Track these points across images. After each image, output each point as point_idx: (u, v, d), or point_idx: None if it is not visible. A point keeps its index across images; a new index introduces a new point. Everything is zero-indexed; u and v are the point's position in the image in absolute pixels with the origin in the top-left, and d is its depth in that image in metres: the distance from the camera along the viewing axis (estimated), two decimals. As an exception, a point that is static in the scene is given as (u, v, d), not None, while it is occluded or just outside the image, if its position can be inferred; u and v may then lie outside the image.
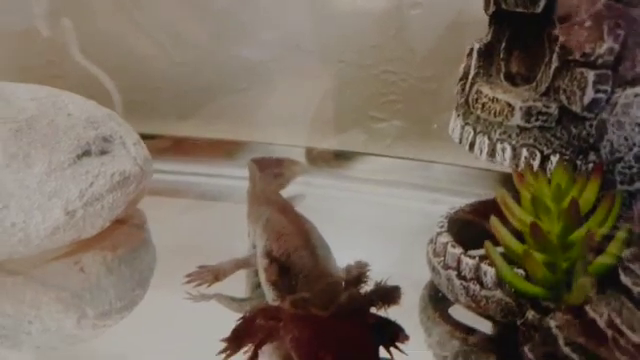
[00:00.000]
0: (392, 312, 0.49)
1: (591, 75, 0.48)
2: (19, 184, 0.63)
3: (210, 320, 0.59)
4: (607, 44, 0.47)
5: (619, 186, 0.48)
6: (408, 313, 0.61)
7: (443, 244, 0.60)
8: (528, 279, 0.50)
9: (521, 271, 0.51)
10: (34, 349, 0.59)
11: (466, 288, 0.57)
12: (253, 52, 1.00)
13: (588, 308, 0.44)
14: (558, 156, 0.50)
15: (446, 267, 0.59)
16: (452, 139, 0.61)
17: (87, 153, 0.68)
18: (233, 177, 0.88)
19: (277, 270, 0.49)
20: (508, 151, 0.53)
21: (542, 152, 0.51)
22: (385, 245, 0.76)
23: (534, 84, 0.53)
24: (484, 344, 0.56)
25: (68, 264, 0.68)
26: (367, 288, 0.50)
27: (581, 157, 0.50)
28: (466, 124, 0.57)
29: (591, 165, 0.49)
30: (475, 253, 0.57)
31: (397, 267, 0.69)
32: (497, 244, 0.51)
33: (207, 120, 1.02)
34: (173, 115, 1.02)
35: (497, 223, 0.48)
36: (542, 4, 0.50)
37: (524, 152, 0.52)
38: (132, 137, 0.76)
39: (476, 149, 0.56)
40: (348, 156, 0.98)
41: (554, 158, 0.50)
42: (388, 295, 0.50)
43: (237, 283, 0.64)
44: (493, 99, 0.54)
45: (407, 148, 0.97)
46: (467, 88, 0.58)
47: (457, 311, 0.61)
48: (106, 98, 0.96)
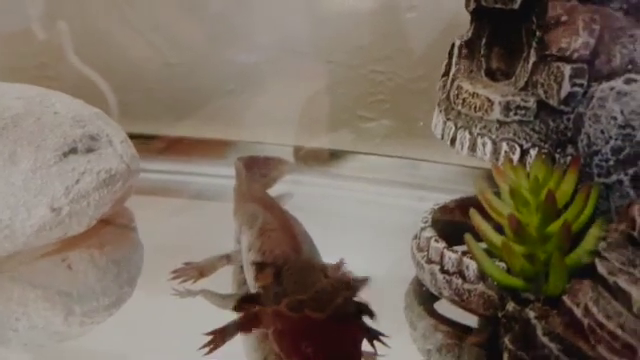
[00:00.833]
0: (378, 307, 0.49)
1: (567, 69, 0.48)
2: (4, 181, 0.63)
3: (197, 317, 0.59)
4: (582, 38, 0.48)
5: (596, 179, 0.49)
6: (394, 308, 0.62)
7: (427, 239, 0.61)
8: (509, 272, 0.50)
9: (502, 264, 0.51)
10: (21, 346, 0.59)
11: (449, 282, 0.57)
12: (245, 53, 1.01)
13: (565, 298, 0.45)
14: (537, 150, 0.51)
15: (429, 261, 0.60)
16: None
17: (73, 151, 0.68)
18: (223, 176, 0.88)
19: (262, 265, 0.50)
20: (488, 145, 0.53)
21: (521, 146, 0.52)
22: (372, 242, 0.77)
23: (513, 79, 0.53)
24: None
25: (55, 262, 0.68)
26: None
27: (559, 150, 0.50)
28: (448, 119, 0.58)
29: (569, 158, 0.49)
30: (459, 248, 0.58)
31: (383, 263, 0.70)
32: (480, 239, 0.52)
33: (198, 120, 1.02)
34: (166, 115, 1.02)
35: (476, 215, 0.49)
36: (519, 0, 0.50)
37: (504, 146, 0.52)
38: (119, 135, 0.76)
39: (457, 144, 0.56)
40: (336, 154, 0.98)
41: (533, 152, 0.51)
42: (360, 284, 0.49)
43: (223, 279, 0.64)
44: (473, 94, 0.54)
45: (395, 147, 0.98)
46: (448, 84, 0.59)
47: (442, 306, 0.61)
48: (100, 99, 0.96)
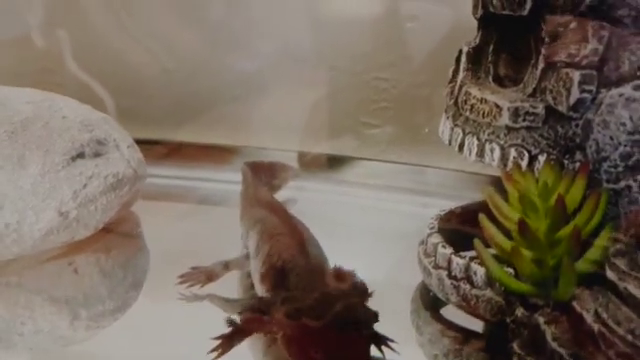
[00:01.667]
0: (385, 313, 0.49)
1: (576, 75, 0.48)
2: (13, 185, 0.63)
3: (203, 322, 0.59)
4: (591, 45, 0.48)
5: (605, 184, 0.49)
6: (400, 314, 0.62)
7: (434, 245, 0.61)
8: (517, 277, 0.50)
9: (510, 270, 0.51)
10: (27, 350, 0.58)
11: (457, 287, 0.57)
12: (247, 60, 1.01)
13: (575, 304, 0.45)
14: (545, 156, 0.51)
15: (437, 267, 0.59)
16: (443, 144, 0.62)
17: (81, 155, 0.68)
18: (227, 182, 0.88)
19: (270, 269, 0.49)
20: (497, 151, 0.53)
21: (530, 152, 0.52)
22: (377, 248, 0.76)
23: (521, 85, 0.53)
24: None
25: (62, 265, 0.68)
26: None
27: (568, 156, 0.50)
28: (455, 125, 0.58)
29: (578, 164, 0.49)
30: (466, 254, 0.58)
31: (389, 269, 0.70)
32: (487, 245, 0.51)
33: (199, 126, 1.02)
34: (166, 121, 1.02)
35: (486, 221, 0.49)
36: (528, 7, 0.50)
37: (512, 152, 0.52)
38: (126, 140, 0.76)
39: (465, 150, 0.56)
40: (340, 160, 0.99)
41: (542, 158, 0.51)
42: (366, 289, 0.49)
43: (230, 284, 0.64)
44: (481, 100, 0.54)
45: (399, 153, 0.98)
46: (456, 90, 0.58)
47: (448, 311, 0.61)
48: (100, 105, 0.96)
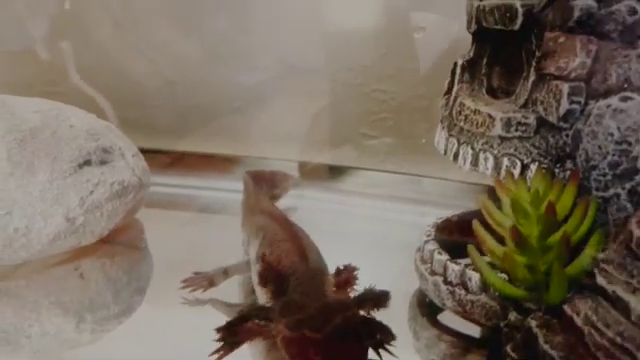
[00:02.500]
0: (383, 319, 0.50)
1: (565, 87, 0.50)
2: (22, 191, 0.65)
3: (205, 326, 0.60)
4: (580, 58, 0.49)
5: (594, 192, 0.50)
6: (397, 319, 0.63)
7: (430, 251, 0.62)
8: (511, 283, 0.51)
9: (504, 275, 0.52)
10: (33, 353, 0.60)
11: (452, 293, 0.58)
12: (248, 72, 1.03)
13: (566, 307, 0.46)
14: (537, 164, 0.52)
15: (433, 273, 0.61)
16: (440, 154, 0.63)
17: (88, 163, 0.69)
18: (229, 190, 0.90)
19: (270, 273, 0.51)
20: (490, 160, 0.55)
21: (522, 161, 0.53)
22: (375, 256, 0.77)
23: (514, 97, 0.55)
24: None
25: (68, 270, 0.69)
26: (356, 291, 0.52)
27: (559, 165, 0.52)
28: (450, 135, 0.59)
29: (568, 172, 0.51)
30: (462, 261, 0.59)
31: (387, 276, 0.71)
32: (482, 252, 0.53)
33: (204, 136, 1.04)
34: (169, 131, 1.04)
35: (479, 228, 0.50)
36: (519, 21, 0.52)
37: (505, 161, 0.54)
38: (131, 149, 0.77)
39: (460, 159, 0.58)
40: (340, 170, 1.00)
41: (533, 166, 0.52)
42: (377, 299, 0.51)
43: (231, 289, 0.65)
44: (475, 111, 0.56)
45: (399, 163, 0.99)
46: (451, 102, 0.60)
47: (445, 317, 0.62)
48: (102, 117, 0.98)
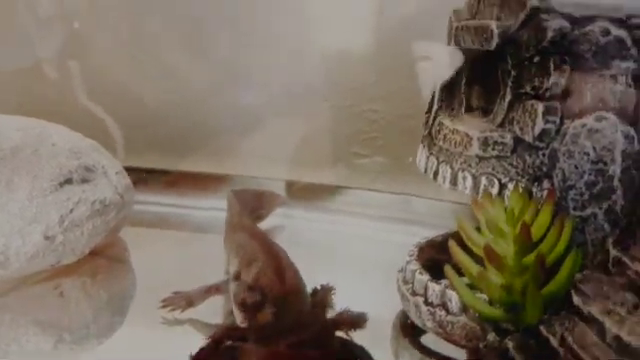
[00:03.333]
0: (365, 340, 0.51)
1: (540, 107, 0.50)
2: (1, 209, 0.65)
3: (186, 348, 0.60)
4: (553, 78, 0.50)
5: (572, 212, 0.50)
6: (380, 341, 0.63)
7: (412, 271, 0.62)
8: (491, 304, 0.51)
9: (484, 296, 0.53)
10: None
11: (433, 314, 0.58)
12: (243, 94, 1.04)
13: (542, 328, 0.46)
14: (515, 183, 0.53)
15: (414, 294, 0.61)
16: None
17: (69, 181, 0.70)
18: (217, 209, 0.90)
19: (245, 292, 0.51)
20: (469, 180, 0.55)
21: (500, 180, 0.54)
22: (362, 276, 0.77)
23: (491, 116, 0.55)
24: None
25: (48, 288, 0.69)
26: (333, 312, 0.52)
27: (536, 184, 0.52)
28: (430, 154, 0.60)
29: (546, 192, 0.51)
30: (442, 281, 0.59)
31: (372, 297, 0.71)
32: (461, 273, 0.53)
33: (200, 156, 1.05)
34: (171, 151, 1.05)
35: (455, 247, 0.50)
36: (495, 42, 0.53)
37: (483, 180, 0.54)
38: (114, 167, 0.78)
39: (439, 178, 0.58)
40: (329, 189, 1.00)
41: (511, 185, 0.53)
42: (353, 320, 0.51)
43: (211, 309, 0.65)
44: (453, 130, 0.56)
45: (388, 183, 1.00)
46: (430, 120, 0.61)
47: (428, 339, 0.62)
48: (107, 136, 0.99)
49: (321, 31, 1.01)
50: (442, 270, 0.59)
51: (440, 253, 0.68)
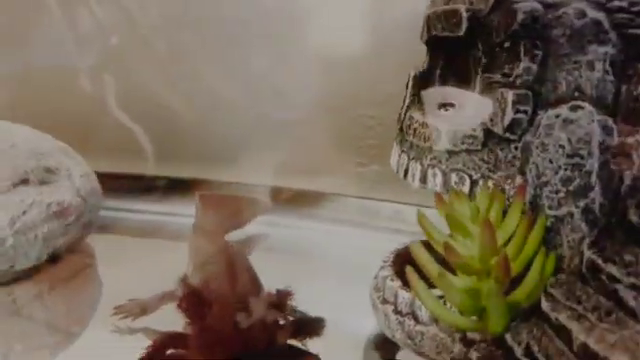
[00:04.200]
0: (335, 352, 0.48)
1: (510, 95, 0.48)
2: (-54, 209, 0.64)
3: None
4: (524, 64, 0.47)
5: (547, 211, 0.47)
6: (351, 353, 0.60)
7: (383, 278, 0.60)
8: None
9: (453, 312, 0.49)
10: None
11: (402, 323, 0.55)
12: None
13: (508, 336, 0.43)
14: (486, 180, 0.50)
15: (384, 302, 0.58)
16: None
17: (25, 182, 0.68)
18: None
19: (189, 297, 0.49)
20: (439, 177, 0.53)
21: (471, 176, 0.51)
22: (345, 284, 0.75)
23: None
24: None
25: (0, 295, 0.68)
26: (289, 318, 0.50)
27: (509, 182, 0.49)
28: (402, 152, 0.57)
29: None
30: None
31: (351, 307, 0.68)
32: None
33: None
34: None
35: (417, 247, 0.47)
36: (464, 27, 0.50)
37: (453, 177, 0.51)
38: (81, 170, 0.76)
39: (409, 176, 0.56)
40: (317, 197, 0.99)
41: (482, 182, 0.50)
42: (310, 326, 0.49)
43: (169, 317, 0.63)
44: (423, 124, 0.54)
45: (385, 193, 0.98)
46: (402, 115, 0.58)
47: (405, 355, 0.59)
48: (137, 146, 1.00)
49: (315, 32, 0.99)
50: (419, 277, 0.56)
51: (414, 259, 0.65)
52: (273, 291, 0.51)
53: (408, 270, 0.47)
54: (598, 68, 0.46)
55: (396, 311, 0.56)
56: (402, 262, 0.63)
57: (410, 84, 0.59)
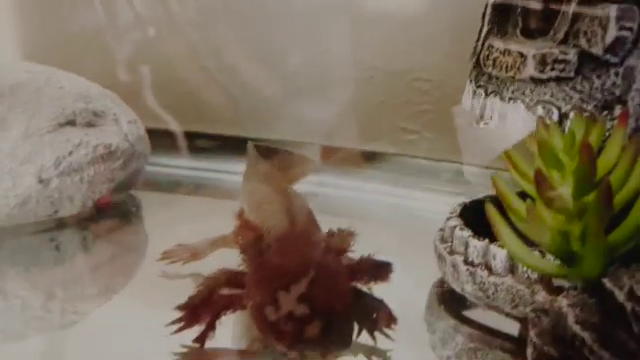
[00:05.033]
0: (397, 309, 0.46)
1: (613, 10, 0.42)
2: (-9, 148, 0.62)
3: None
4: (631, -28, 0.42)
5: (651, 145, 0.42)
6: (412, 309, 0.56)
7: (451, 228, 0.55)
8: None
9: (536, 252, 0.45)
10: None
11: (473, 275, 0.51)
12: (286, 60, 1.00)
13: (606, 281, 0.38)
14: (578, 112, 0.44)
15: (452, 252, 0.54)
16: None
17: (71, 123, 0.66)
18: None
19: (245, 232, 0.45)
20: (521, 111, 0.48)
21: (560, 109, 0.46)
22: (402, 244, 0.71)
23: (552, 32, 0.47)
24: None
25: (43, 240, 0.66)
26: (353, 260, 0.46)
27: (606, 113, 0.44)
28: (478, 87, 0.52)
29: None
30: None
31: (406, 265, 0.64)
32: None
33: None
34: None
35: (498, 179, 0.43)
36: None
37: (539, 110, 0.46)
38: (128, 116, 0.74)
39: (486, 114, 0.51)
40: (370, 156, 0.95)
41: (575, 115, 0.45)
42: (377, 269, 0.45)
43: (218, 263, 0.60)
44: (505, 52, 0.49)
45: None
46: (479, 47, 0.53)
47: (466, 307, 0.55)
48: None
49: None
50: (488, 232, 0.52)
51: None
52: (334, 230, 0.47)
53: (487, 205, 0.42)
54: None
55: (466, 262, 0.52)
56: (470, 215, 0.59)
57: (488, 12, 0.53)
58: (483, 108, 0.51)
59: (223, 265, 0.57)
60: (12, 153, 0.62)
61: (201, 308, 0.44)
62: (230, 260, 0.58)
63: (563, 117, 0.46)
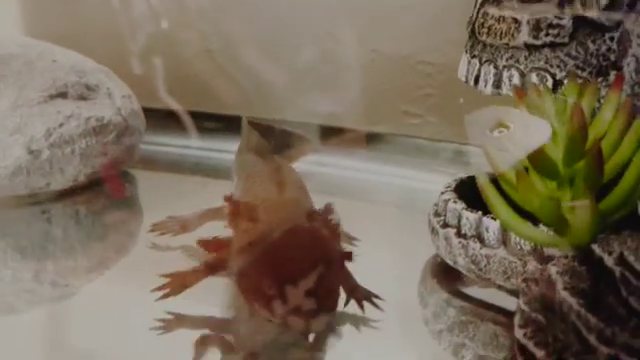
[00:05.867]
0: (391, 284, 0.47)
1: (609, -30, 0.42)
2: (-21, 118, 0.61)
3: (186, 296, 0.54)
4: None
5: (647, 112, 0.41)
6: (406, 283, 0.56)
7: (445, 201, 0.55)
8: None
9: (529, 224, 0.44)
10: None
11: (465, 247, 0.51)
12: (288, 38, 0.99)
13: (595, 246, 0.38)
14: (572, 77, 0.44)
15: (445, 225, 0.53)
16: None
17: (63, 95, 0.65)
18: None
19: (238, 208, 0.45)
20: (515, 78, 0.47)
21: (554, 76, 0.45)
22: (397, 222, 0.71)
23: (547, -2, 0.47)
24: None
25: (35, 213, 0.66)
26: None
27: (601, 79, 0.43)
28: (473, 57, 0.52)
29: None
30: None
31: (402, 243, 0.64)
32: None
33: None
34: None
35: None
36: None
37: (533, 77, 0.46)
38: (122, 91, 0.73)
39: (481, 82, 0.50)
40: (368, 136, 0.94)
41: (569, 80, 0.44)
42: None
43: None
44: (499, 18, 0.48)
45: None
46: (474, 14, 0.53)
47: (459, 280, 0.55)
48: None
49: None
50: (482, 206, 0.51)
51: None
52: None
53: (479, 176, 0.41)
54: None
55: (459, 234, 0.51)
56: (466, 190, 0.58)
57: (484, -20, 0.53)
58: (478, 77, 0.51)
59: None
60: (1, 123, 0.62)
61: (186, 275, 0.44)
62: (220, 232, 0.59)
63: (558, 84, 0.45)
